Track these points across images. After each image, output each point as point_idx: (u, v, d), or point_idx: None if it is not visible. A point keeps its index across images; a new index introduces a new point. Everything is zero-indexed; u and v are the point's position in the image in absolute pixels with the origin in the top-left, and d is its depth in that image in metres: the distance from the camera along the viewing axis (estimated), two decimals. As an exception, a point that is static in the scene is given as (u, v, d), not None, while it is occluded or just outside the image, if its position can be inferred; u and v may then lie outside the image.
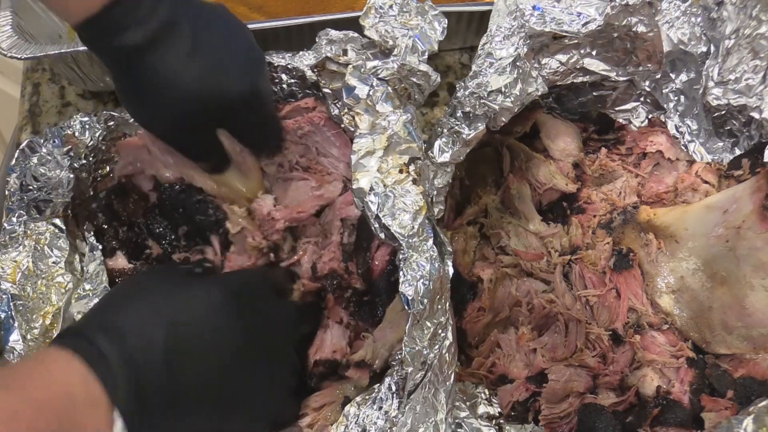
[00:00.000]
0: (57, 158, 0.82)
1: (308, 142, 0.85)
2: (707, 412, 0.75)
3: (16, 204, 0.80)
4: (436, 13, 0.78)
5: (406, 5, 0.76)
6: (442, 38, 0.77)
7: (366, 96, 0.71)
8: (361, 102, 0.71)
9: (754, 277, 0.78)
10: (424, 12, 0.77)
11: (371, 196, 0.66)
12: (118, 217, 0.83)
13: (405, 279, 0.63)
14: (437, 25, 0.77)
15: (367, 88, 0.72)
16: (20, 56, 0.91)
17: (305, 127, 0.84)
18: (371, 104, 0.71)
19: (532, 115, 0.89)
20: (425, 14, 0.77)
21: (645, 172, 0.91)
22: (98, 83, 1.01)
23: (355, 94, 0.71)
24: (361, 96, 0.71)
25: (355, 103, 0.71)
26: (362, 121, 0.70)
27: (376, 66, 0.72)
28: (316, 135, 0.84)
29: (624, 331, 0.81)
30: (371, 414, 0.65)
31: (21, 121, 1.04)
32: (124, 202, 0.84)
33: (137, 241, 0.83)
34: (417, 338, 0.64)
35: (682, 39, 0.87)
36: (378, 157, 0.68)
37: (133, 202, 0.84)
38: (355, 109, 0.71)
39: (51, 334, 0.76)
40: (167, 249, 0.83)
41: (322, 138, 0.84)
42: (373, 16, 0.76)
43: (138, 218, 0.84)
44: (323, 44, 0.80)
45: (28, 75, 1.08)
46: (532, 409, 0.79)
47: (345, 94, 0.73)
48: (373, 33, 0.76)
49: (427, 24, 0.76)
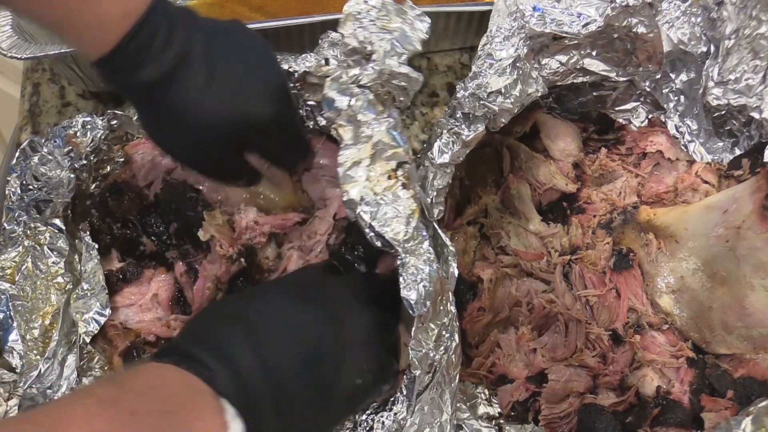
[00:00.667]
0: (58, 158, 0.82)
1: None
2: (707, 412, 0.75)
3: (16, 204, 0.80)
4: (417, 13, 0.77)
5: (384, 9, 0.76)
6: (426, 37, 0.76)
7: (347, 107, 0.71)
8: (342, 114, 0.71)
9: (754, 277, 0.78)
10: (404, 13, 0.77)
11: (363, 206, 0.66)
12: (112, 215, 0.84)
13: (405, 284, 0.63)
14: (420, 25, 0.76)
15: (347, 98, 0.71)
16: (20, 56, 0.91)
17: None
18: (353, 114, 0.70)
19: (532, 115, 0.89)
20: (405, 15, 0.77)
21: (645, 172, 0.91)
22: (98, 83, 1.01)
23: (335, 107, 0.71)
24: (342, 107, 0.71)
25: (337, 115, 0.71)
26: (346, 132, 0.70)
27: (357, 74, 0.72)
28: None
29: (624, 331, 0.81)
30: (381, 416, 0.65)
31: (21, 121, 1.04)
32: (119, 200, 0.84)
33: (131, 238, 0.83)
34: (423, 341, 0.64)
35: (682, 39, 0.87)
36: (365, 167, 0.68)
37: (129, 199, 0.84)
38: (338, 121, 0.71)
39: (50, 334, 0.76)
40: (161, 247, 0.84)
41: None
42: (351, 23, 0.76)
43: (132, 215, 0.84)
44: (325, 46, 0.80)
45: (28, 75, 1.08)
46: (532, 409, 0.79)
47: (326, 107, 0.72)
48: (352, 40, 0.75)
49: (407, 25, 0.76)
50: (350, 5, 0.75)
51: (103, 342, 0.79)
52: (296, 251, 0.81)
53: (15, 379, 0.73)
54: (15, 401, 0.72)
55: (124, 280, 0.81)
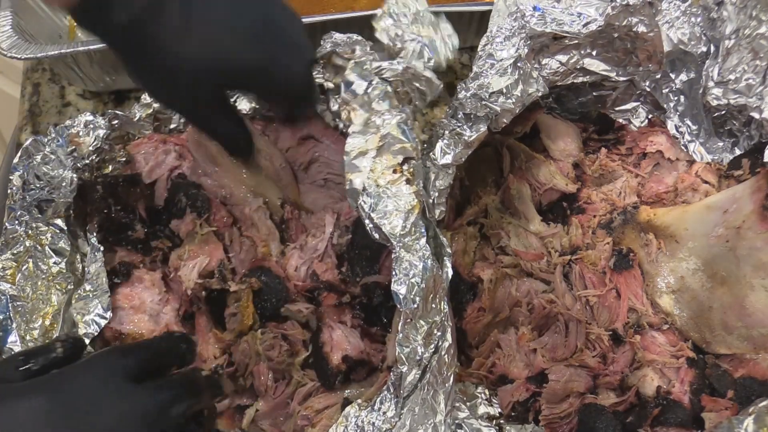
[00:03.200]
0: (60, 158, 0.82)
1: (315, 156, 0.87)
2: (707, 412, 0.75)
3: (18, 203, 0.80)
4: (450, 32, 0.78)
5: (421, 16, 0.77)
6: (452, 56, 0.77)
7: (363, 92, 0.71)
8: (357, 97, 0.71)
9: (754, 277, 0.78)
10: (437, 26, 0.78)
11: (364, 196, 0.66)
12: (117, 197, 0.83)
13: (397, 278, 0.63)
14: (449, 41, 0.77)
15: (365, 84, 0.71)
16: (20, 56, 0.91)
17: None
18: (368, 100, 0.71)
19: (533, 115, 0.89)
20: (437, 28, 0.77)
21: (645, 172, 0.91)
22: (98, 83, 1.01)
23: (352, 89, 0.71)
24: (359, 92, 0.71)
25: (352, 98, 0.71)
26: (357, 117, 0.70)
27: (381, 66, 0.72)
28: (316, 148, 0.86)
29: (624, 331, 0.81)
30: (370, 415, 0.65)
31: (21, 121, 1.04)
32: (128, 190, 0.84)
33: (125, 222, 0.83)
34: (410, 337, 0.64)
35: (682, 39, 0.87)
36: (371, 158, 0.68)
37: (140, 192, 0.84)
38: (352, 104, 0.71)
39: (50, 335, 0.76)
40: (150, 236, 0.83)
41: (322, 147, 0.86)
42: (387, 19, 0.76)
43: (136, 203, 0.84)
44: (327, 47, 0.80)
45: (28, 75, 1.08)
46: (533, 409, 0.79)
47: (343, 88, 0.72)
48: (383, 36, 0.76)
49: (438, 39, 0.76)
50: (390, 3, 0.76)
51: (102, 343, 0.79)
52: (297, 251, 0.81)
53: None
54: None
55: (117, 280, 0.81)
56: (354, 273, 0.78)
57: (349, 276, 0.78)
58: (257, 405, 0.77)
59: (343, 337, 0.76)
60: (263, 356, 0.76)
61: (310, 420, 0.74)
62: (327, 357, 0.75)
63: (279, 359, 0.76)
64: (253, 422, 0.77)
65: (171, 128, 0.91)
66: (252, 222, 0.83)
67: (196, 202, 0.82)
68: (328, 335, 0.76)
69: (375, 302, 0.77)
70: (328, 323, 0.77)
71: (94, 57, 0.95)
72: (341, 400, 0.75)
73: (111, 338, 0.78)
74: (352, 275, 0.78)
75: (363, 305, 0.78)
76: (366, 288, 0.78)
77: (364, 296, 0.78)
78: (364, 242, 0.77)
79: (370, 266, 0.78)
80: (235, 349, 0.77)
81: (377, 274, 0.78)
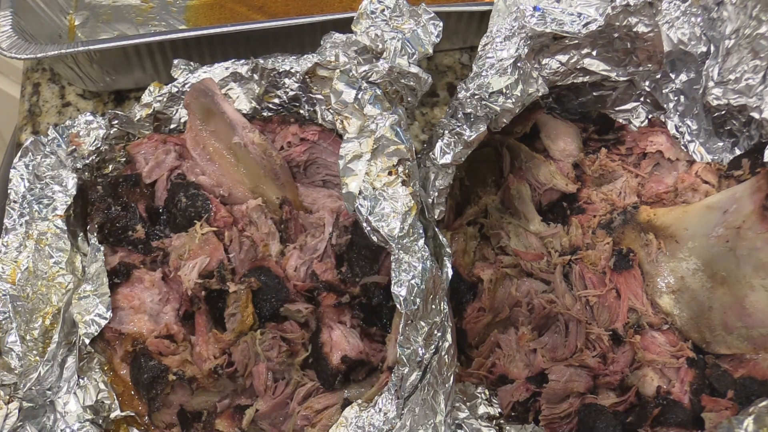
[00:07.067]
0: (60, 157, 0.82)
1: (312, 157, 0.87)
2: (707, 412, 0.75)
3: (18, 203, 0.80)
4: (430, 16, 0.77)
5: (398, 9, 0.76)
6: (437, 41, 0.77)
7: (353, 99, 0.71)
8: (348, 106, 0.71)
9: (755, 277, 0.78)
10: (417, 15, 0.77)
11: (361, 199, 0.66)
12: (117, 197, 0.83)
13: (397, 280, 0.63)
14: (432, 29, 0.77)
15: (354, 91, 0.71)
16: (20, 56, 0.91)
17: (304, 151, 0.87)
18: (358, 108, 0.71)
19: (533, 115, 0.89)
20: (418, 18, 0.77)
21: (645, 172, 0.91)
22: (98, 83, 1.01)
23: (342, 99, 0.71)
24: (348, 100, 0.71)
25: (343, 108, 0.71)
26: (351, 125, 0.70)
27: (367, 70, 0.72)
28: (314, 150, 0.87)
29: (624, 331, 0.81)
30: (370, 415, 0.65)
31: (21, 121, 1.04)
32: (129, 190, 0.84)
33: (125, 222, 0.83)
34: (411, 338, 0.64)
35: (682, 39, 0.87)
36: (366, 161, 0.68)
37: (141, 191, 0.84)
38: (344, 114, 0.71)
39: (51, 335, 0.76)
40: (150, 236, 0.83)
41: (320, 149, 0.87)
42: (365, 21, 0.76)
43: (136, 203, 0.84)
44: (327, 47, 0.80)
45: (28, 75, 1.08)
46: (533, 409, 0.79)
47: (333, 99, 0.73)
48: (364, 38, 0.76)
49: (420, 27, 0.76)
50: (365, 4, 0.76)
51: (102, 343, 0.79)
52: (297, 251, 0.81)
53: (15, 382, 0.73)
54: (15, 404, 0.72)
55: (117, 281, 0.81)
56: (353, 273, 0.78)
57: (348, 276, 0.78)
58: (257, 405, 0.77)
59: (343, 338, 0.76)
60: (263, 356, 0.76)
61: (309, 420, 0.74)
62: (326, 357, 0.75)
63: (278, 359, 0.76)
64: (253, 422, 0.77)
65: (171, 128, 0.91)
66: (251, 220, 0.83)
67: (196, 202, 0.82)
68: (327, 335, 0.76)
69: (374, 302, 0.77)
70: (327, 323, 0.77)
71: (94, 57, 0.95)
72: (341, 400, 0.75)
73: (111, 338, 0.78)
74: (352, 275, 0.78)
75: (362, 305, 0.78)
76: (365, 288, 0.78)
77: (363, 296, 0.78)
78: (364, 242, 0.77)
79: (369, 266, 0.78)
80: (235, 349, 0.77)
81: (376, 274, 0.78)
